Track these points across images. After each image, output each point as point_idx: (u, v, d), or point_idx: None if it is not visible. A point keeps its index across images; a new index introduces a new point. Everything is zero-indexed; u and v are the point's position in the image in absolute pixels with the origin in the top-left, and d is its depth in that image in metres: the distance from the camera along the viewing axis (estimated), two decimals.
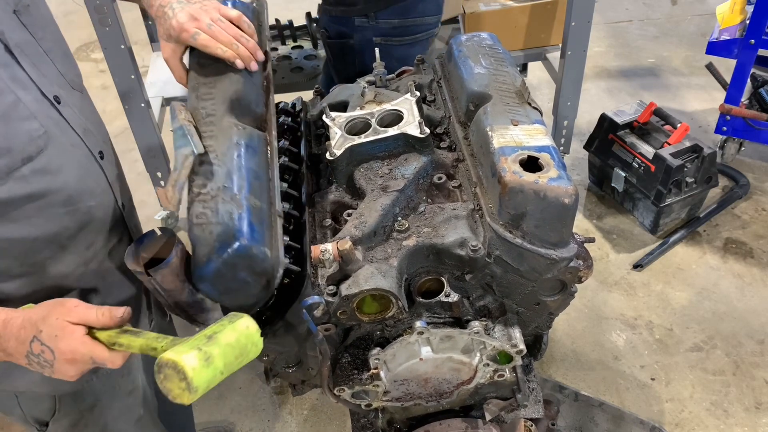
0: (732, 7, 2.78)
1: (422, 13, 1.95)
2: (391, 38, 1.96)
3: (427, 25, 1.99)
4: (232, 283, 1.00)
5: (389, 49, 1.95)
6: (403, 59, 1.96)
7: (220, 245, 0.96)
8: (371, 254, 1.16)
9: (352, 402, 1.30)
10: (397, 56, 1.95)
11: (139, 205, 3.33)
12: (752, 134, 2.90)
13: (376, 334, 1.24)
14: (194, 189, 1.01)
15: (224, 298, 1.04)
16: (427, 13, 1.97)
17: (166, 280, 1.04)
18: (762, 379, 2.22)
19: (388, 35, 1.95)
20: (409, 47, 1.99)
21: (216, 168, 1.02)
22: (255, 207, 1.02)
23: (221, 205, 0.98)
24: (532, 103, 1.27)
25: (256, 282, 1.01)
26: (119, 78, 2.40)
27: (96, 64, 4.37)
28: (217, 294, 1.02)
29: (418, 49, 2.00)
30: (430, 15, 1.98)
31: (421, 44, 2.02)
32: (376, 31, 1.94)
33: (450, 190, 1.28)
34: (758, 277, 2.57)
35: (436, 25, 2.03)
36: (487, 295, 1.24)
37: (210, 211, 0.97)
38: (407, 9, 1.92)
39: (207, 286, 1.01)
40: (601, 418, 1.98)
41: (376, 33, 1.95)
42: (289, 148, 1.40)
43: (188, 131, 1.03)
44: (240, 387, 2.33)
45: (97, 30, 2.26)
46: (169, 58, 1.21)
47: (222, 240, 0.96)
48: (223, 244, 0.96)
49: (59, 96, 1.11)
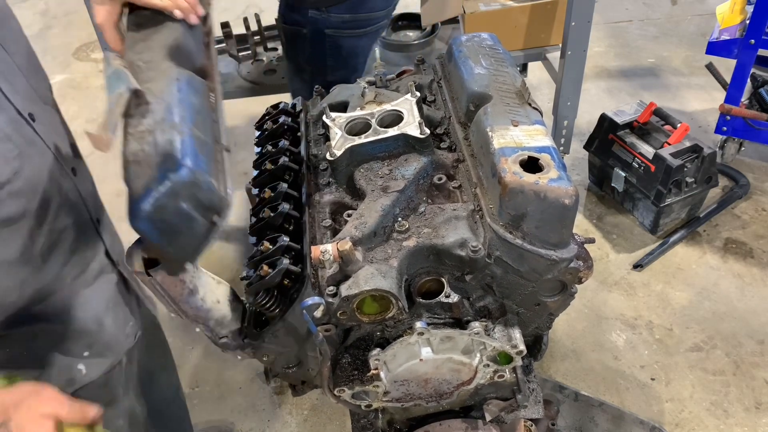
0: (732, 7, 2.78)
1: (372, 9, 2.02)
2: (341, 30, 2.03)
3: (377, 19, 2.07)
4: (175, 218, 0.89)
5: (339, 41, 2.05)
6: (352, 50, 2.10)
7: (160, 173, 0.85)
8: (371, 255, 1.16)
9: (352, 402, 1.30)
10: (346, 47, 2.07)
11: None
12: (752, 134, 2.90)
13: (376, 334, 1.24)
14: (129, 129, 0.89)
15: (164, 241, 0.93)
16: (376, 8, 2.04)
17: (167, 280, 1.04)
18: (762, 379, 2.22)
19: (338, 28, 2.02)
20: (357, 39, 2.08)
21: (154, 105, 0.91)
22: (198, 138, 0.92)
23: (160, 135, 0.87)
24: (533, 104, 1.27)
25: (201, 218, 0.91)
26: None
27: (96, 64, 4.37)
28: (157, 234, 0.91)
29: (366, 40, 2.11)
30: (379, 10, 2.05)
31: (369, 36, 2.11)
32: (327, 24, 2.02)
33: (450, 191, 1.28)
34: (758, 277, 2.57)
35: (386, 17, 2.10)
36: (487, 295, 1.24)
37: (147, 145, 0.86)
38: (358, 5, 1.99)
39: (145, 225, 0.89)
40: (601, 418, 1.98)
41: (327, 25, 2.02)
42: (289, 148, 1.40)
43: (123, 74, 0.93)
44: (240, 387, 2.33)
45: (97, 30, 2.26)
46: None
47: (163, 167, 0.85)
48: (163, 171, 0.85)
49: (33, 113, 1.08)
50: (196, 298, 1.11)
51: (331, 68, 2.16)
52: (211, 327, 1.19)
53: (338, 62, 2.15)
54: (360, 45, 2.11)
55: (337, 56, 2.12)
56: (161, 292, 1.05)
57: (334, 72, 2.17)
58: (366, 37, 2.11)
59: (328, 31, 2.03)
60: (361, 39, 2.09)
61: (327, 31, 2.03)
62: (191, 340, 2.50)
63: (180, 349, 2.48)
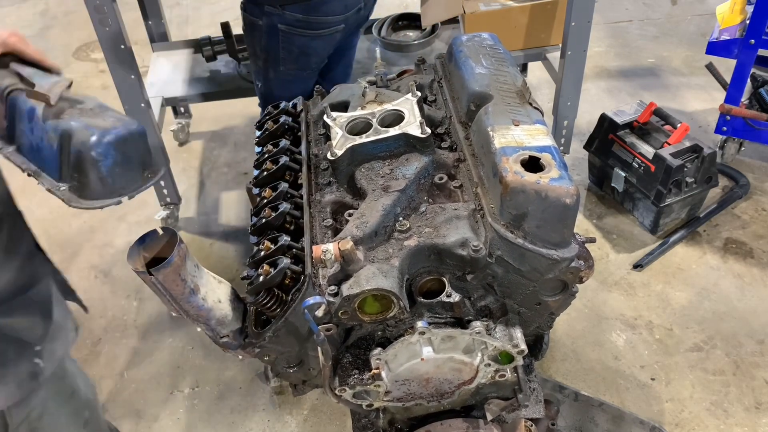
0: (732, 7, 2.78)
1: (326, 13, 2.05)
2: (294, 29, 2.07)
3: (331, 24, 2.09)
4: (133, 151, 1.08)
5: (292, 38, 2.09)
6: (304, 48, 2.13)
7: (129, 122, 1.10)
8: (372, 254, 1.16)
9: (354, 402, 1.30)
10: (298, 45, 2.11)
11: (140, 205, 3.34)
12: (752, 134, 2.90)
13: (377, 334, 1.24)
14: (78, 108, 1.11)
15: (116, 171, 1.07)
16: (331, 13, 2.06)
17: (168, 280, 1.04)
18: (762, 379, 2.22)
19: (292, 26, 2.06)
20: (310, 39, 2.11)
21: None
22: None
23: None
24: (533, 103, 1.27)
25: (144, 158, 1.11)
26: (119, 78, 2.40)
27: (96, 64, 4.37)
28: (111, 162, 1.06)
29: (320, 42, 2.13)
30: (334, 15, 2.07)
31: (324, 39, 2.13)
32: (281, 20, 2.06)
33: (451, 190, 1.28)
34: (758, 277, 2.57)
35: (342, 23, 2.11)
36: (488, 295, 1.24)
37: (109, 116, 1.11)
38: (312, 8, 2.03)
39: (108, 149, 1.05)
40: (601, 418, 1.98)
41: (281, 21, 2.06)
42: (289, 148, 1.40)
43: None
44: (240, 387, 2.33)
45: (97, 30, 2.26)
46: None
47: (130, 122, 1.11)
48: (131, 122, 1.11)
49: None
50: (197, 297, 1.11)
51: (284, 61, 2.21)
52: (212, 326, 1.19)
53: (290, 57, 2.19)
54: (313, 45, 2.13)
55: (289, 51, 2.17)
56: (162, 291, 1.06)
57: (287, 65, 2.22)
58: (320, 39, 2.12)
59: (281, 27, 2.08)
60: (314, 40, 2.11)
61: (281, 27, 2.08)
62: (191, 339, 2.50)
63: (180, 349, 2.48)
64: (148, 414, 2.29)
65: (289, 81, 2.28)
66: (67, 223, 3.08)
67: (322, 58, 2.22)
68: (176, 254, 1.02)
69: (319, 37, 2.11)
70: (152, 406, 2.31)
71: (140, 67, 2.52)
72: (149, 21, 3.14)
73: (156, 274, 1.02)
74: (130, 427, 2.26)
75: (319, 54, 2.19)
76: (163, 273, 1.02)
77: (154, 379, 2.40)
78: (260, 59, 2.22)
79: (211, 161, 3.39)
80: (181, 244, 1.05)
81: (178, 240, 1.05)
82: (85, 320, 2.64)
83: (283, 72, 2.26)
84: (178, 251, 1.03)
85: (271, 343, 1.20)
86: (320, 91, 1.65)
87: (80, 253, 2.93)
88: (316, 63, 2.22)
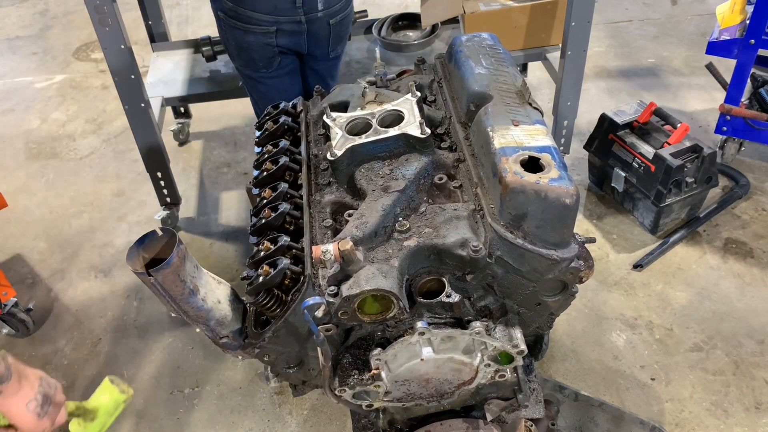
0: (732, 7, 2.78)
1: (252, 7, 2.06)
2: (229, 18, 2.13)
3: (260, 21, 2.10)
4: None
5: (229, 29, 2.15)
6: (240, 42, 2.16)
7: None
8: (372, 255, 1.16)
9: (353, 402, 1.30)
10: (234, 38, 2.16)
11: (139, 205, 3.35)
12: (752, 134, 2.90)
13: (377, 334, 1.24)
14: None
15: None
16: (257, 9, 2.07)
17: (167, 280, 1.04)
18: (762, 379, 2.22)
19: (227, 14, 2.12)
20: (244, 33, 2.13)
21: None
22: None
23: None
24: (533, 104, 1.27)
25: None
26: (119, 78, 2.40)
27: (96, 64, 4.37)
28: None
29: (252, 38, 2.13)
30: (261, 12, 2.08)
31: (256, 36, 2.13)
32: (219, 6, 2.14)
33: (451, 191, 1.28)
34: (758, 277, 2.57)
35: (273, 24, 2.12)
36: (488, 295, 1.24)
37: None
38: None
39: None
40: (601, 418, 1.98)
41: (219, 8, 2.14)
42: (289, 149, 1.40)
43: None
44: (240, 387, 2.33)
45: (97, 30, 2.26)
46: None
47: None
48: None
49: None
50: (196, 298, 1.11)
51: (232, 55, 2.27)
52: (211, 327, 1.19)
53: (234, 51, 2.23)
54: (247, 41, 2.14)
55: (229, 44, 2.22)
56: (162, 292, 1.05)
57: (236, 60, 2.28)
58: (252, 36, 2.12)
59: (220, 14, 2.15)
60: (247, 35, 2.12)
61: (219, 14, 2.15)
62: (191, 339, 2.50)
63: (180, 349, 2.48)
64: (148, 414, 2.29)
65: (256, 81, 2.30)
66: (67, 223, 3.08)
67: (265, 60, 2.21)
68: (175, 255, 1.02)
69: (251, 33, 2.12)
70: (152, 406, 2.31)
71: (140, 67, 2.52)
72: (149, 21, 3.14)
73: (155, 275, 1.02)
74: (130, 427, 2.26)
75: (259, 53, 2.18)
76: (163, 274, 1.02)
77: (154, 379, 2.40)
78: (226, 50, 2.33)
79: (211, 161, 3.39)
80: (180, 244, 1.05)
81: (177, 241, 1.04)
82: (85, 320, 2.64)
83: (241, 70, 2.31)
84: (177, 252, 1.03)
85: (270, 343, 1.20)
86: (320, 91, 1.65)
87: (80, 253, 2.93)
88: (263, 64, 2.22)
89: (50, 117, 3.85)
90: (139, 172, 3.24)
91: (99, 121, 3.80)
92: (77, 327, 2.62)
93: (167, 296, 1.08)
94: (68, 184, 3.30)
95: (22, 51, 4.61)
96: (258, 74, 2.26)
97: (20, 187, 3.29)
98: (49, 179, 3.35)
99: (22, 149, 3.61)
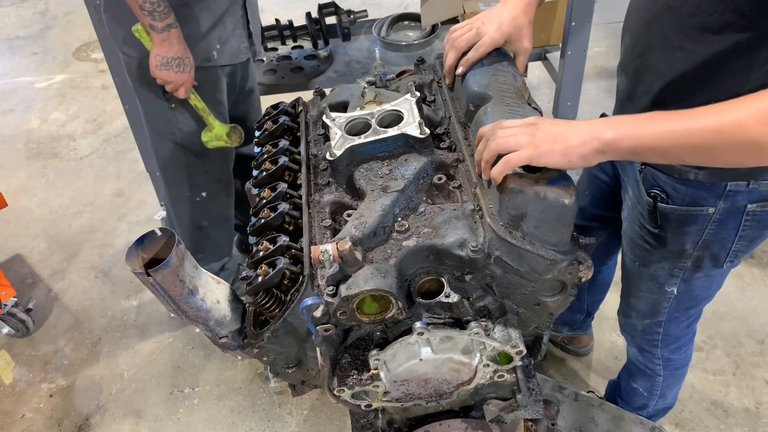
0: None
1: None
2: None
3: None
4: None
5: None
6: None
7: None
8: (371, 255, 1.16)
9: (352, 402, 1.30)
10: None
11: (139, 205, 3.34)
12: None
13: (376, 334, 1.24)
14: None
15: None
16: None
17: (166, 281, 1.04)
18: (762, 379, 2.22)
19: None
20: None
21: None
22: None
23: None
24: (532, 104, 1.27)
25: None
26: (119, 78, 2.40)
27: (96, 64, 4.37)
28: None
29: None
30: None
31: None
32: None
33: (450, 191, 1.28)
34: (758, 277, 2.57)
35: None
36: (487, 295, 1.24)
37: None
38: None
39: None
40: (601, 418, 1.98)
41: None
42: (289, 149, 1.40)
43: None
44: (240, 387, 2.34)
45: (97, 30, 2.26)
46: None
47: None
48: None
49: None
50: (195, 298, 1.11)
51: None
52: (211, 327, 1.19)
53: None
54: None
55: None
56: (161, 292, 1.05)
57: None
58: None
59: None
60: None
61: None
62: (191, 339, 2.50)
63: (180, 349, 2.48)
64: (148, 414, 2.29)
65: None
66: (67, 223, 3.08)
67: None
68: (174, 255, 1.02)
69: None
70: (152, 406, 2.32)
71: None
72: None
73: (154, 275, 1.01)
74: (130, 427, 2.26)
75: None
76: (162, 274, 1.02)
77: (154, 379, 2.40)
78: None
79: None
80: (180, 244, 1.05)
81: (176, 241, 1.04)
82: (85, 320, 2.65)
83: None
84: (177, 252, 1.03)
85: (269, 343, 1.20)
86: (319, 90, 1.65)
87: (80, 253, 2.94)
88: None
89: (50, 117, 3.86)
90: (139, 172, 3.25)
91: (99, 121, 3.80)
92: (77, 327, 2.63)
93: (166, 296, 1.08)
94: (68, 184, 3.30)
95: (22, 51, 4.61)
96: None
97: (20, 187, 3.30)
98: (49, 179, 3.35)
99: (22, 149, 3.62)
